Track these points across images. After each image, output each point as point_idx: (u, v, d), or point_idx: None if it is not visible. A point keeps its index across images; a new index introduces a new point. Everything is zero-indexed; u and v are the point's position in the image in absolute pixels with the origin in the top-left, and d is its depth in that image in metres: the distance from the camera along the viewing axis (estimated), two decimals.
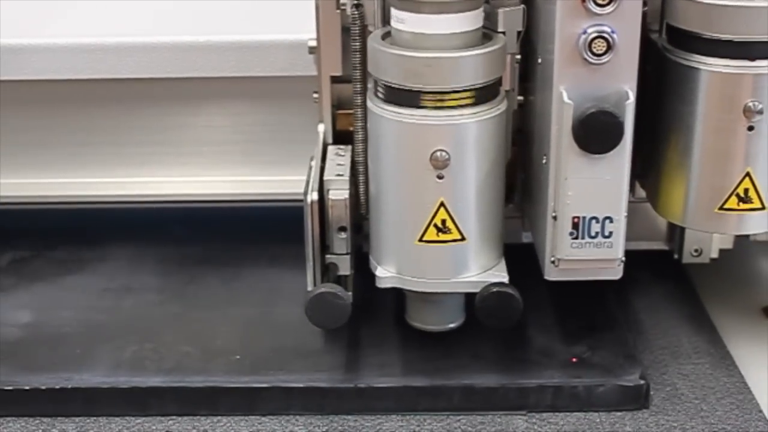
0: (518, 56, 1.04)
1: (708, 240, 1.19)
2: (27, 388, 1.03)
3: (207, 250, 1.26)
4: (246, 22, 1.28)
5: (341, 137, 1.12)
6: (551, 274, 0.99)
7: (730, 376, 1.07)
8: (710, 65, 0.97)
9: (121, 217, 1.31)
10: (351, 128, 1.07)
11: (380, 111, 0.98)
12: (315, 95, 1.12)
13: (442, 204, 0.98)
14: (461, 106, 0.96)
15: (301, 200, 1.02)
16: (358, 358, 1.07)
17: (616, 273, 0.99)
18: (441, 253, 1.00)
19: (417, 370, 1.04)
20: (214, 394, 1.03)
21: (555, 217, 0.97)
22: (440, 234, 0.99)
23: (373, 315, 1.12)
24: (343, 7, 1.06)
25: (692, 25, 0.98)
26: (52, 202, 1.31)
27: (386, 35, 1.00)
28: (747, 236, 1.20)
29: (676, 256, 1.20)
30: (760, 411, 1.02)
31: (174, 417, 1.02)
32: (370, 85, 1.01)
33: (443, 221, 0.98)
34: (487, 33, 1.00)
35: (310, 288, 1.03)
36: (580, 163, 0.94)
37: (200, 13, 1.31)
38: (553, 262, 0.98)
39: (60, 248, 1.27)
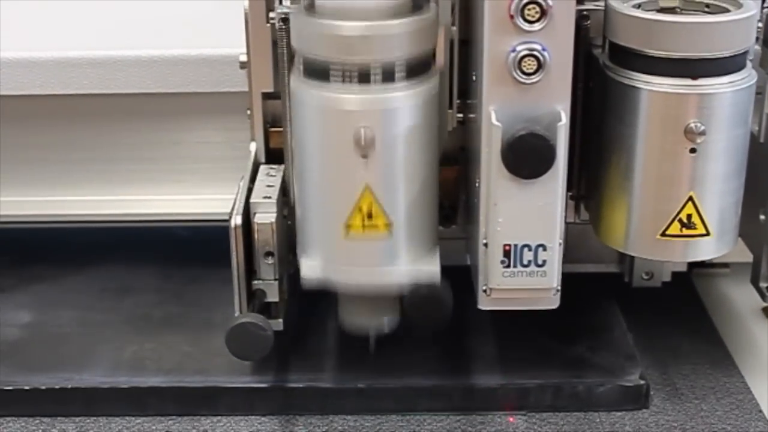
0: (454, 27, 0.99)
1: (659, 263, 1.14)
2: (27, 388, 1.03)
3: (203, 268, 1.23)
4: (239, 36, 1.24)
5: (276, 156, 1.08)
6: (484, 304, 0.95)
7: (730, 376, 1.07)
8: (651, 84, 0.92)
9: (113, 235, 1.29)
10: None
11: (302, 88, 0.93)
12: (249, 112, 1.08)
13: (367, 187, 0.93)
14: (387, 81, 0.91)
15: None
16: (357, 359, 1.05)
17: (551, 302, 0.95)
18: (368, 243, 0.95)
19: (417, 370, 1.04)
20: (214, 394, 1.03)
21: (486, 244, 0.92)
22: (367, 221, 0.94)
23: None
24: (272, 21, 1.02)
25: (632, 41, 0.93)
26: (43, 221, 1.28)
27: (309, 8, 0.94)
28: None
29: (626, 280, 1.16)
30: (760, 411, 1.02)
31: (174, 417, 1.03)
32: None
33: (369, 206, 0.94)
34: (417, 3, 0.94)
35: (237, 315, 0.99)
36: (511, 187, 0.90)
37: (192, 26, 1.27)
38: (485, 291, 0.94)
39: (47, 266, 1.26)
